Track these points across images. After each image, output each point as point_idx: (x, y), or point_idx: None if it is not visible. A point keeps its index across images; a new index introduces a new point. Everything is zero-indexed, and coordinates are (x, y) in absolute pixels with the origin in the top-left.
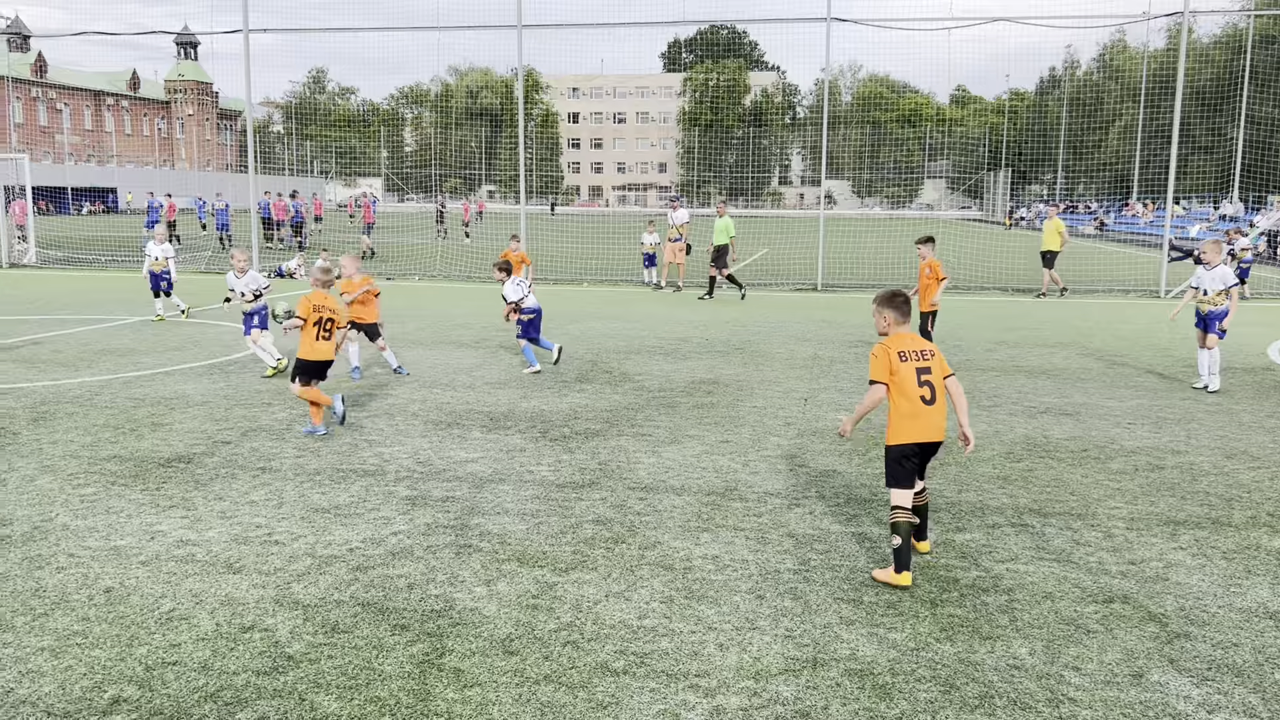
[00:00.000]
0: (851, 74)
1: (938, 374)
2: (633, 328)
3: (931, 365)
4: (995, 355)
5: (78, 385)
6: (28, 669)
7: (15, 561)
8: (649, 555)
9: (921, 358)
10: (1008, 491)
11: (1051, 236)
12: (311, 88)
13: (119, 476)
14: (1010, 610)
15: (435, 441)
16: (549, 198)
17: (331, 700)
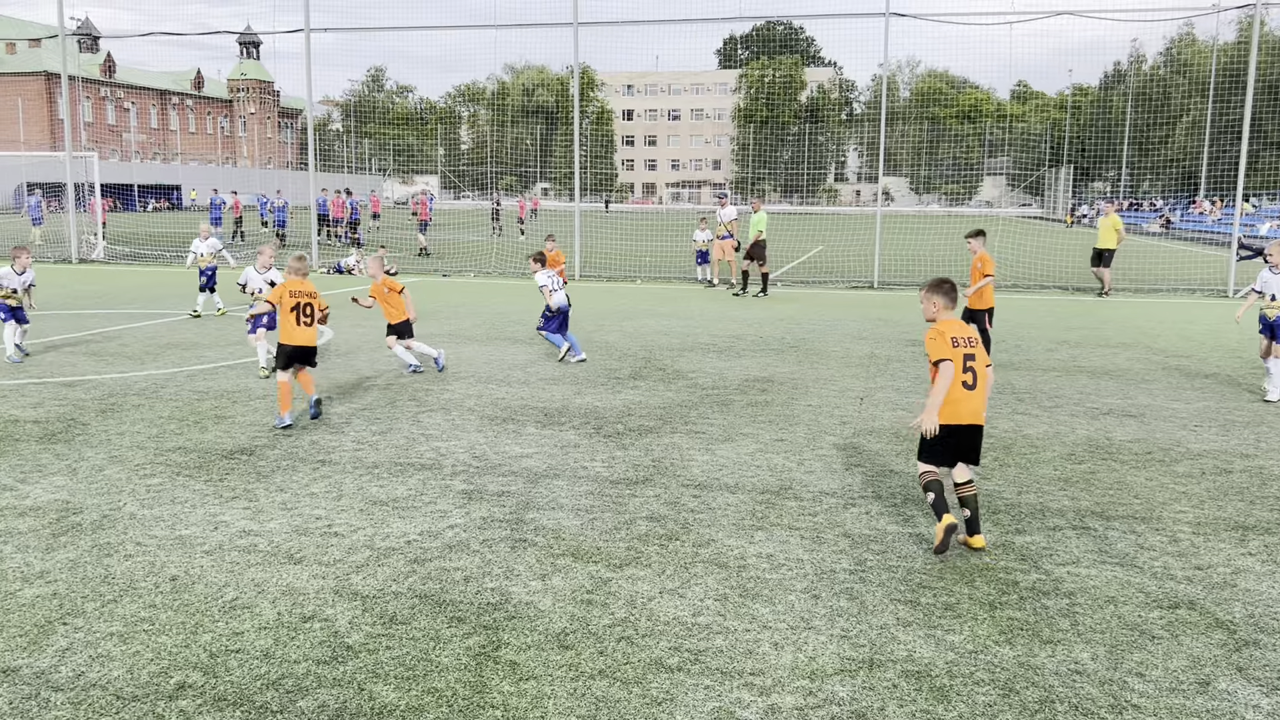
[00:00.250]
0: (910, 69)
1: (980, 361)
2: (686, 325)
3: (975, 353)
4: (1056, 355)
5: (144, 378)
6: (98, 653)
7: (85, 549)
8: (703, 553)
9: (969, 344)
10: (1069, 494)
11: (1108, 234)
12: (370, 86)
13: (184, 467)
14: (1071, 614)
15: (490, 436)
16: (603, 195)
17: (390, 690)
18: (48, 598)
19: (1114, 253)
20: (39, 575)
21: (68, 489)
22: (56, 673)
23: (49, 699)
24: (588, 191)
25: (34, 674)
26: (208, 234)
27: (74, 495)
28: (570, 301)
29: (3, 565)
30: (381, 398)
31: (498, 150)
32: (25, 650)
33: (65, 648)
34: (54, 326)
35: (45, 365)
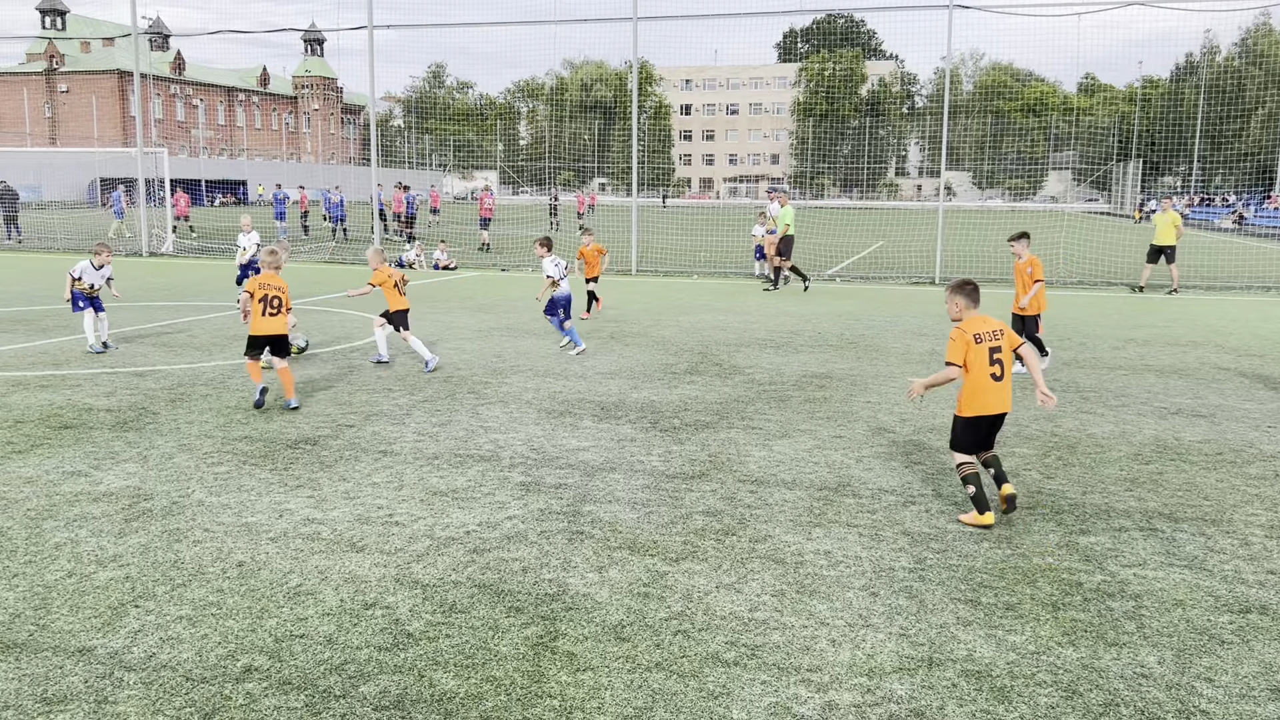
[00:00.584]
0: (973, 62)
1: (1007, 350)
2: (743, 320)
3: (1001, 344)
4: (1123, 353)
5: (211, 368)
6: (168, 635)
7: (156, 534)
8: (759, 548)
9: (993, 338)
10: (1135, 495)
11: (1167, 230)
12: (431, 82)
13: (249, 456)
14: (1138, 617)
15: (548, 429)
16: (660, 190)
17: (450, 678)
18: (120, 580)
19: (1175, 249)
20: (112, 559)
21: (139, 475)
22: (129, 653)
23: (122, 678)
24: (645, 186)
25: (108, 654)
26: (249, 227)
27: (145, 482)
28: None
29: (78, 548)
30: (441, 390)
31: (556, 146)
32: (100, 631)
33: (137, 629)
34: (126, 318)
35: (118, 356)
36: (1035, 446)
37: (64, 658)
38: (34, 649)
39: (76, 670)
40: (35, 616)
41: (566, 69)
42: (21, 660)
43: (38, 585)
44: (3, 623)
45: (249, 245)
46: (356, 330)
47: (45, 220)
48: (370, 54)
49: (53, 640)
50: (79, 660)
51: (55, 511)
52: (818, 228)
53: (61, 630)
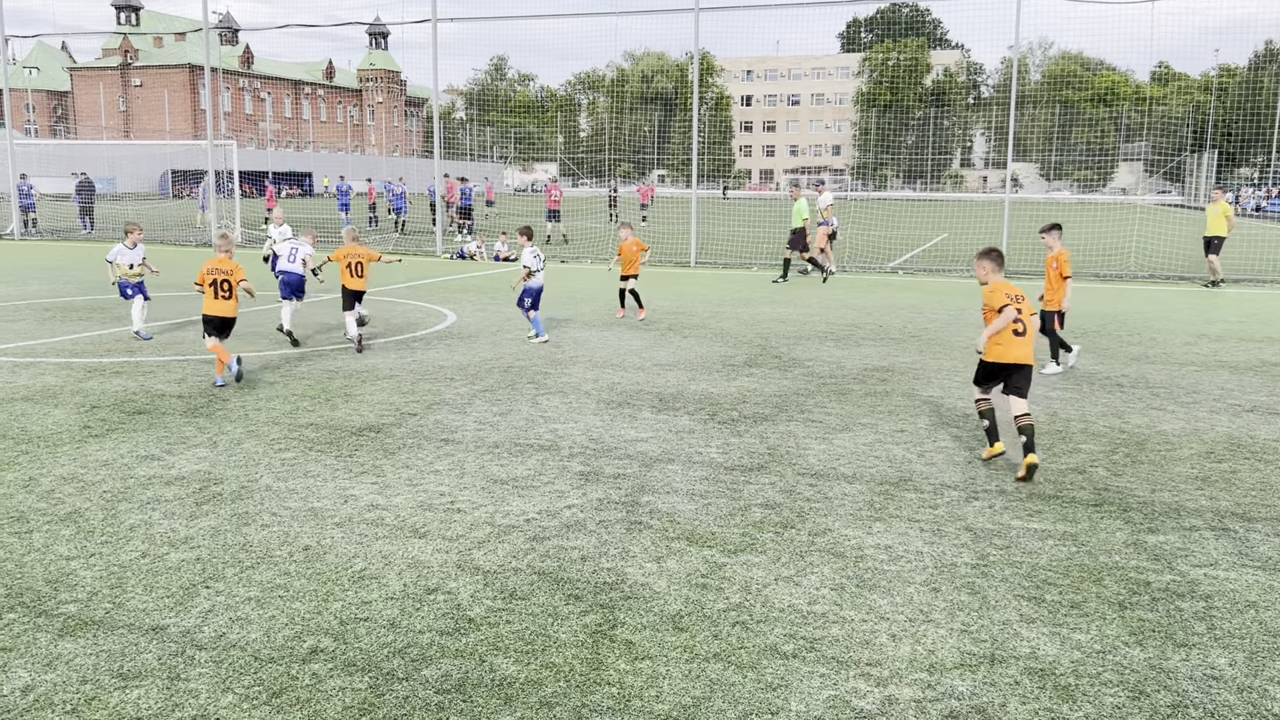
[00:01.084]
0: (1041, 51)
1: (1026, 314)
2: (803, 313)
3: (1023, 307)
4: (1196, 349)
5: (278, 357)
6: (237, 616)
7: (225, 517)
8: (819, 542)
9: (1018, 300)
10: (1207, 493)
11: (1218, 221)
12: (492, 74)
13: (315, 443)
14: (1208, 618)
15: (607, 420)
16: (721, 181)
17: (510, 663)
18: (192, 562)
19: (1224, 240)
20: (184, 541)
21: (209, 460)
22: (200, 632)
23: (193, 656)
24: (705, 178)
25: (180, 632)
26: (281, 220)
27: (215, 466)
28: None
29: (151, 530)
30: (502, 380)
31: (615, 138)
32: (172, 610)
33: (208, 609)
34: (195, 306)
35: (187, 343)
36: (1102, 443)
37: (138, 635)
38: (110, 626)
39: (150, 647)
40: (111, 595)
41: (627, 61)
42: (98, 637)
43: (113, 565)
44: (81, 600)
45: (278, 238)
46: (421, 319)
47: (120, 211)
48: (434, 47)
49: (128, 618)
50: (153, 638)
51: (130, 494)
52: (880, 220)
53: (136, 609)
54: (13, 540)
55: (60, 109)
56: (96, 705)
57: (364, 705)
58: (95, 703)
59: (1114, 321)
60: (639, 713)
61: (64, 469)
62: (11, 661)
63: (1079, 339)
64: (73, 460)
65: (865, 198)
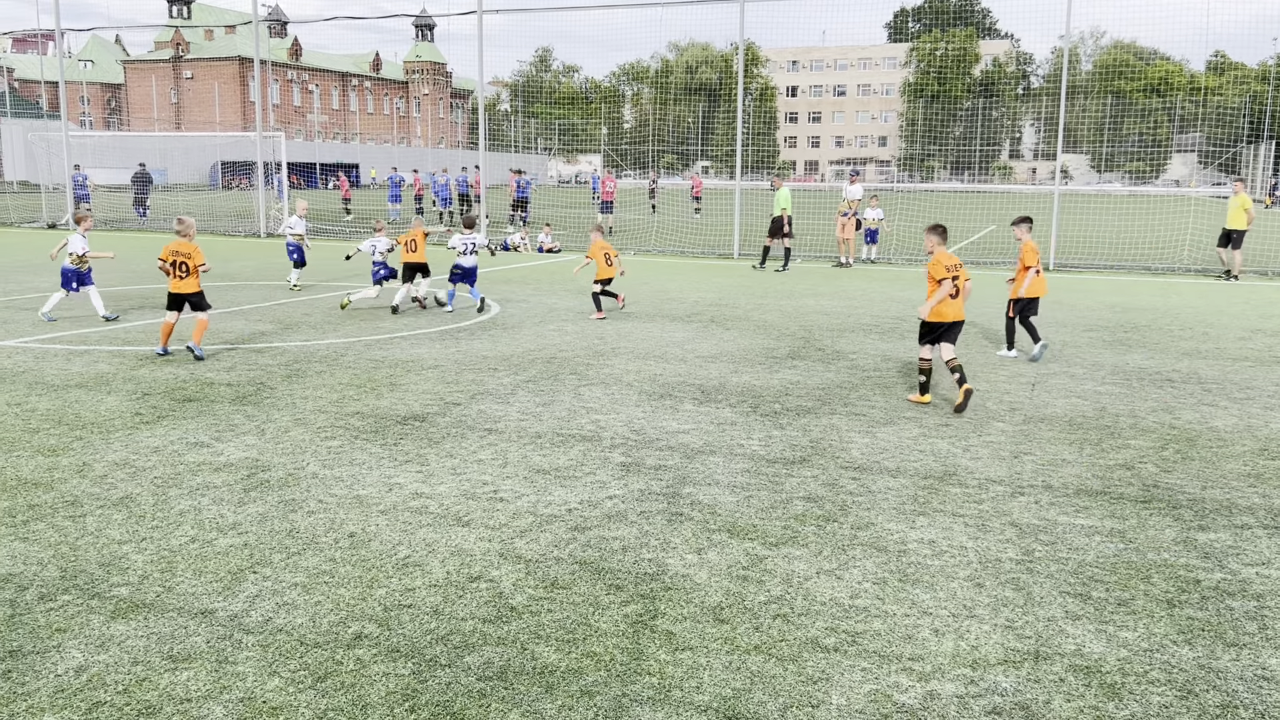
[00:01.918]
0: (1093, 40)
1: (962, 280)
2: (847, 305)
3: (959, 275)
4: (1250, 344)
5: (325, 346)
6: (283, 601)
7: (273, 504)
8: (861, 535)
9: (955, 269)
10: (1260, 491)
11: (1237, 214)
12: (537, 66)
13: (361, 431)
14: (1260, 617)
15: (648, 411)
16: (769, 173)
17: (551, 651)
18: (240, 548)
19: (1244, 234)
20: (232, 526)
21: (257, 448)
22: (247, 616)
23: (241, 640)
24: (749, 170)
25: (228, 616)
26: (304, 211)
27: (263, 454)
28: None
29: (201, 515)
30: (544, 371)
31: (659, 129)
32: (220, 594)
33: (255, 594)
34: (245, 296)
35: (237, 332)
36: (1152, 439)
37: (188, 618)
38: (160, 609)
39: (199, 630)
40: (162, 579)
41: (672, 52)
42: (149, 619)
43: (164, 549)
44: (133, 583)
45: (297, 225)
46: (465, 311)
47: (171, 202)
48: (479, 38)
49: (177, 601)
50: (201, 621)
51: (179, 480)
52: (927, 212)
53: (185, 592)
54: (67, 524)
55: (114, 101)
56: (147, 686)
57: (407, 691)
58: (146, 684)
59: (1165, 315)
60: (679, 703)
61: (116, 455)
62: (66, 642)
63: (1131, 332)
64: (125, 446)
65: (912, 189)
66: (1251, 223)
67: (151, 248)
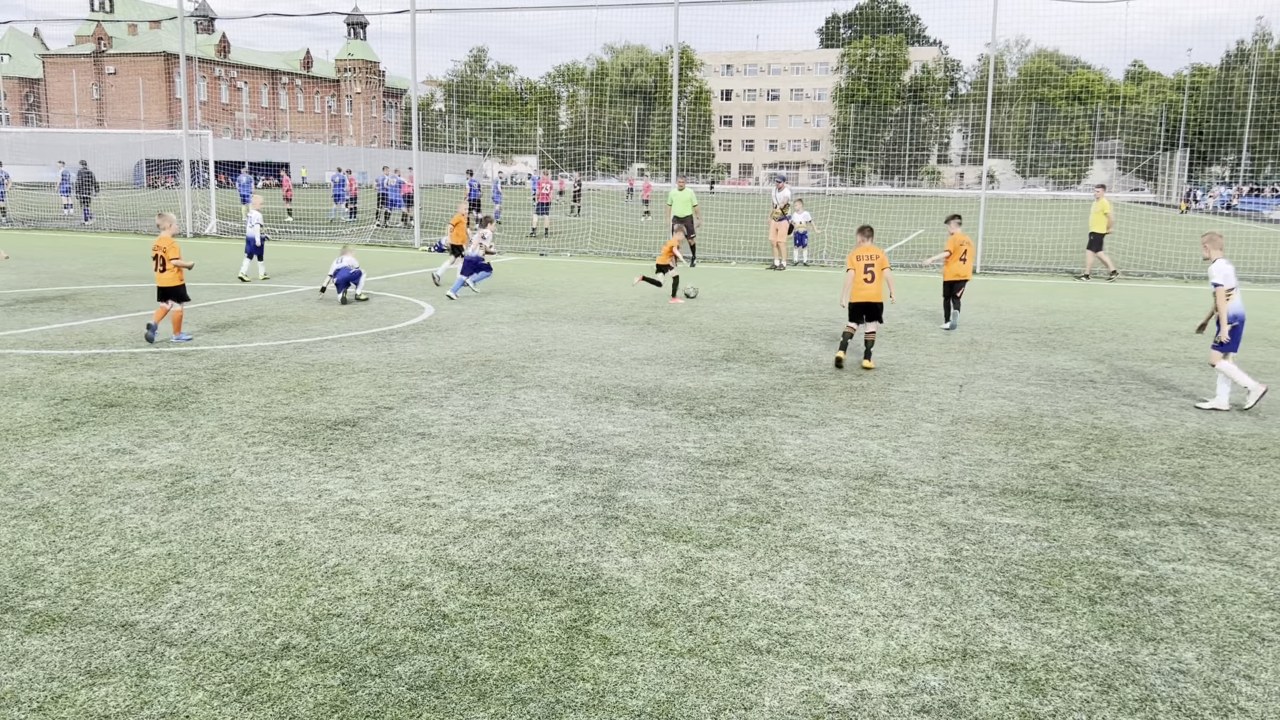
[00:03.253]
0: (1018, 49)
1: (878, 268)
2: (781, 308)
3: (874, 264)
4: (1167, 345)
5: (253, 349)
6: (208, 612)
7: (198, 511)
8: (794, 536)
9: (871, 258)
10: (1176, 489)
11: (1098, 219)
12: (472, 66)
13: (290, 436)
14: (1176, 612)
15: (584, 414)
16: (708, 176)
17: (484, 659)
18: (162, 557)
19: (1103, 236)
20: (155, 535)
21: (181, 454)
22: (170, 628)
23: (163, 653)
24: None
25: (150, 629)
26: (260, 207)
27: (187, 460)
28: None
29: (122, 525)
30: (479, 374)
31: (595, 130)
32: (142, 606)
33: (179, 605)
34: None
35: (161, 334)
36: (1075, 439)
37: (107, 631)
38: (78, 622)
39: (119, 644)
40: (80, 591)
41: (607, 54)
42: (66, 633)
43: (83, 560)
44: (49, 596)
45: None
46: (398, 312)
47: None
48: (413, 37)
49: (96, 614)
50: (122, 634)
51: (100, 488)
52: (858, 215)
53: (105, 605)
54: None
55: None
56: (64, 703)
57: (336, 702)
58: (62, 700)
59: (1087, 318)
60: (613, 709)
61: (32, 463)
62: None
63: (1055, 334)
64: (41, 454)
65: (844, 193)
66: (1111, 227)
67: (75, 248)
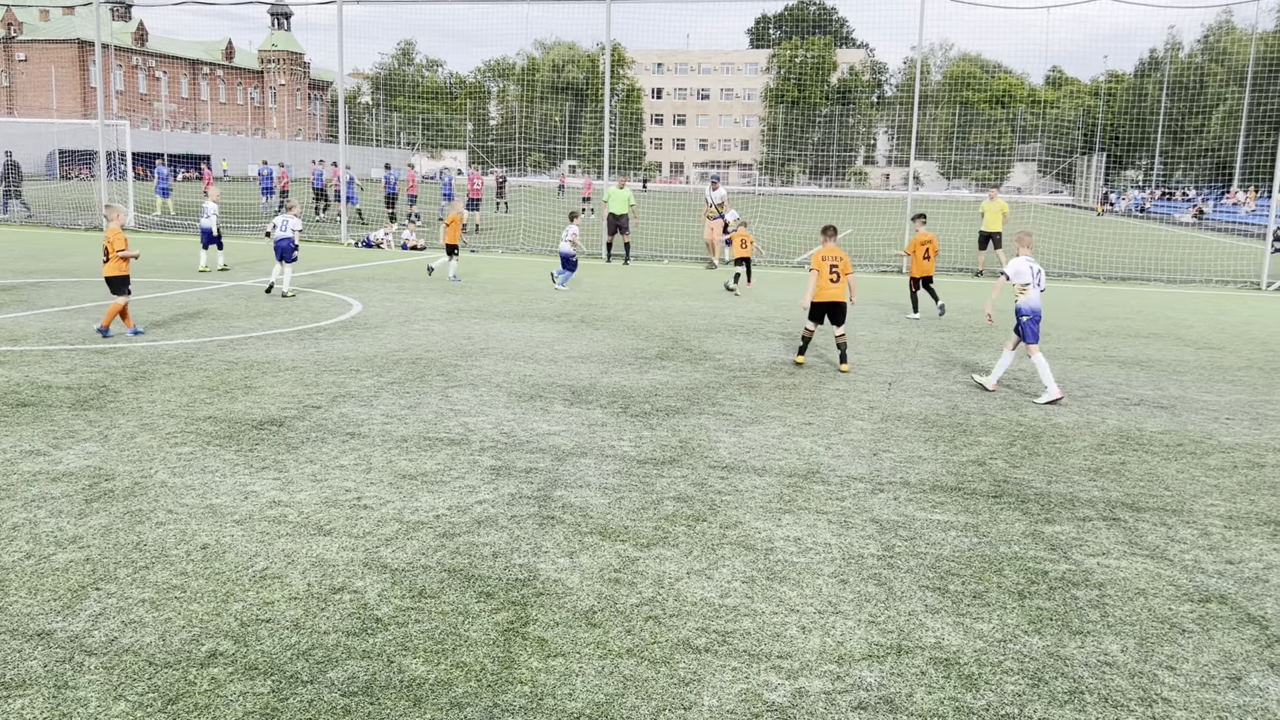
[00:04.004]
0: (942, 53)
1: (842, 270)
2: (713, 306)
3: (838, 265)
4: (1087, 345)
5: (174, 347)
6: (130, 619)
7: (118, 515)
8: (730, 534)
9: (835, 259)
10: (1099, 484)
11: (994, 218)
12: (400, 59)
13: (214, 437)
14: (1101, 605)
15: (518, 413)
16: (640, 174)
17: (419, 663)
18: (81, 562)
19: (1002, 235)
20: (72, 540)
21: (100, 455)
22: (90, 636)
23: (83, 662)
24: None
25: (68, 637)
26: (217, 198)
27: (106, 462)
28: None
29: (36, 529)
30: (410, 372)
31: (526, 126)
32: (59, 614)
33: (98, 612)
34: (85, 293)
35: (76, 332)
36: (1001, 436)
37: (22, 641)
38: None
39: (35, 654)
40: None
41: (538, 50)
42: None
43: None
44: None
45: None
46: (325, 309)
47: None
48: (339, 28)
49: (10, 623)
50: (38, 644)
51: (12, 491)
52: (787, 215)
53: (19, 613)
54: None
55: None
56: None
57: (267, 710)
58: None
59: (1010, 317)
60: (552, 711)
61: None
62: None
63: (979, 333)
64: None
65: (773, 193)
66: (1006, 224)
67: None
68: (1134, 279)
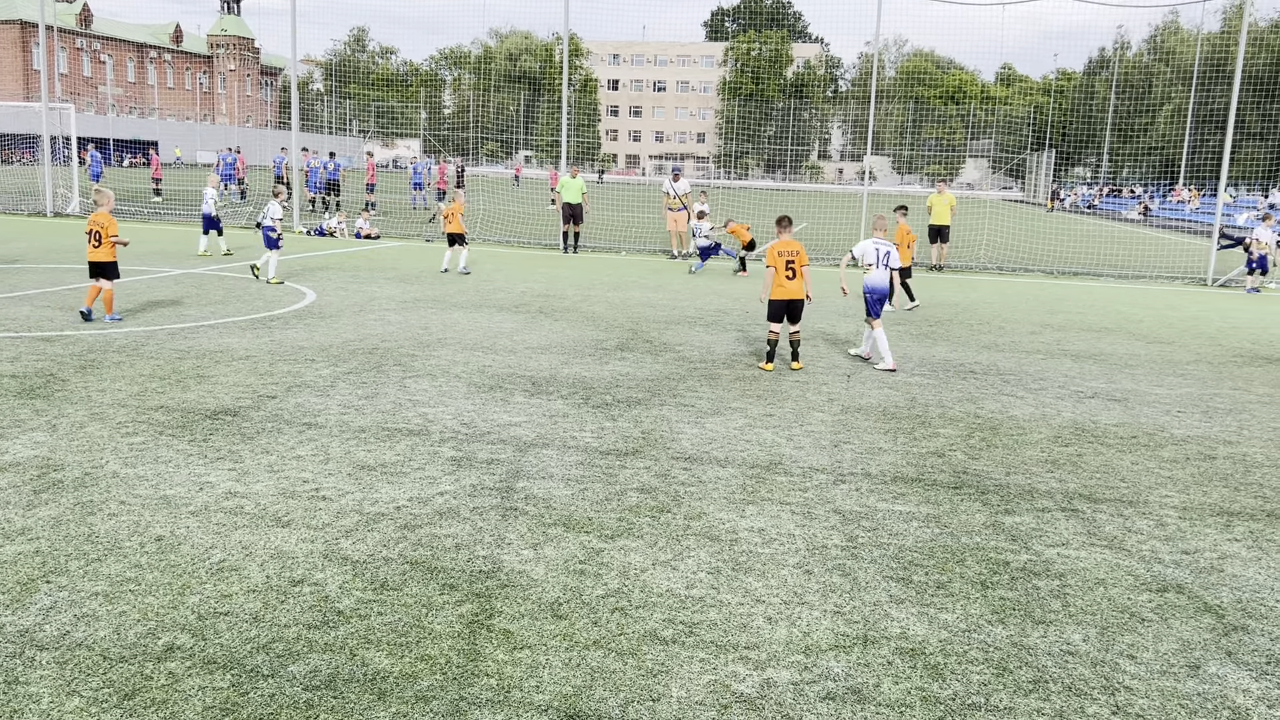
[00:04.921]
0: (896, 48)
1: (799, 263)
2: (672, 298)
3: (795, 259)
4: (1040, 338)
5: (124, 335)
6: (83, 613)
7: (68, 506)
8: (694, 525)
9: (791, 255)
10: (1056, 476)
11: (942, 211)
12: (352, 46)
13: (166, 427)
14: (1062, 595)
15: (479, 404)
16: (596, 165)
17: (382, 656)
18: (30, 555)
19: (949, 229)
20: (20, 532)
21: (48, 445)
22: (41, 631)
23: (34, 657)
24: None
25: (18, 632)
26: (215, 184)
27: (54, 452)
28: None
29: None
30: (366, 362)
31: (481, 116)
32: (8, 608)
33: (49, 606)
34: (30, 280)
35: (21, 319)
36: (960, 428)
37: None
38: None
39: None
40: None
41: (493, 38)
42: None
43: None
44: None
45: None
46: (278, 298)
47: None
48: (292, 14)
49: None
50: None
51: None
52: (743, 209)
53: None
54: None
55: None
56: None
57: (226, 705)
58: None
59: (965, 310)
60: (519, 704)
61: None
62: None
63: (935, 326)
64: None
65: (729, 186)
66: (954, 217)
67: None
68: (1085, 274)
